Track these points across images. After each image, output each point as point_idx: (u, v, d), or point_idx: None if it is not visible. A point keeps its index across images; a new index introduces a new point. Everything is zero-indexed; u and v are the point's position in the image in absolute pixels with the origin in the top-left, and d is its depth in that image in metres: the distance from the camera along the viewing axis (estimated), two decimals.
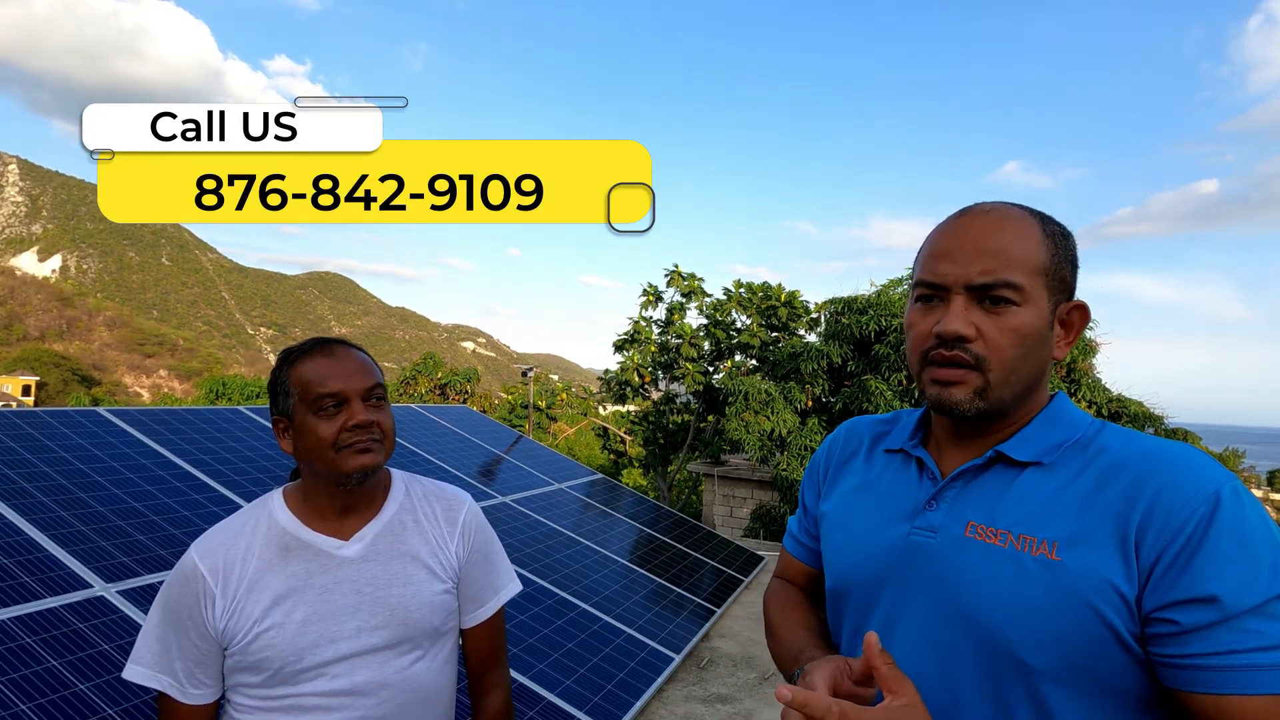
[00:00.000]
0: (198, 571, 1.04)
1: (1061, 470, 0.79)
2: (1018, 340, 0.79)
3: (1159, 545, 0.70)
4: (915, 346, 0.84)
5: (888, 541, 0.86)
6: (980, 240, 0.80)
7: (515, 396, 19.41)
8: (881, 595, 0.86)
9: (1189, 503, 0.70)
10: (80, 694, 2.16)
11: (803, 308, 13.17)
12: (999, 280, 0.78)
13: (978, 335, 0.79)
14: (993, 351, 0.79)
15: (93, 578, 2.68)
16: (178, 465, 3.79)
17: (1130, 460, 0.76)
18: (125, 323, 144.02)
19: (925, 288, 0.83)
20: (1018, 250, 0.79)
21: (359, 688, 1.05)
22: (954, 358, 0.80)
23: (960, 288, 0.80)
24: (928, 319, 0.82)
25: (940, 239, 0.83)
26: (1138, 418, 10.25)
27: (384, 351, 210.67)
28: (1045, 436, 0.82)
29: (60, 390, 53.92)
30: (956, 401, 0.80)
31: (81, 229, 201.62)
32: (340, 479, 1.06)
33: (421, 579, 1.12)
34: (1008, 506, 0.79)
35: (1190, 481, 0.71)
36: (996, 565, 0.76)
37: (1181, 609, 0.68)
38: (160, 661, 1.05)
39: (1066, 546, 0.73)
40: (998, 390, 0.80)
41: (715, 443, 12.85)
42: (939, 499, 0.84)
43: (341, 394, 1.05)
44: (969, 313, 0.79)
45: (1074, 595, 0.72)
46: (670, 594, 4.77)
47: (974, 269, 0.79)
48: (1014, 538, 0.76)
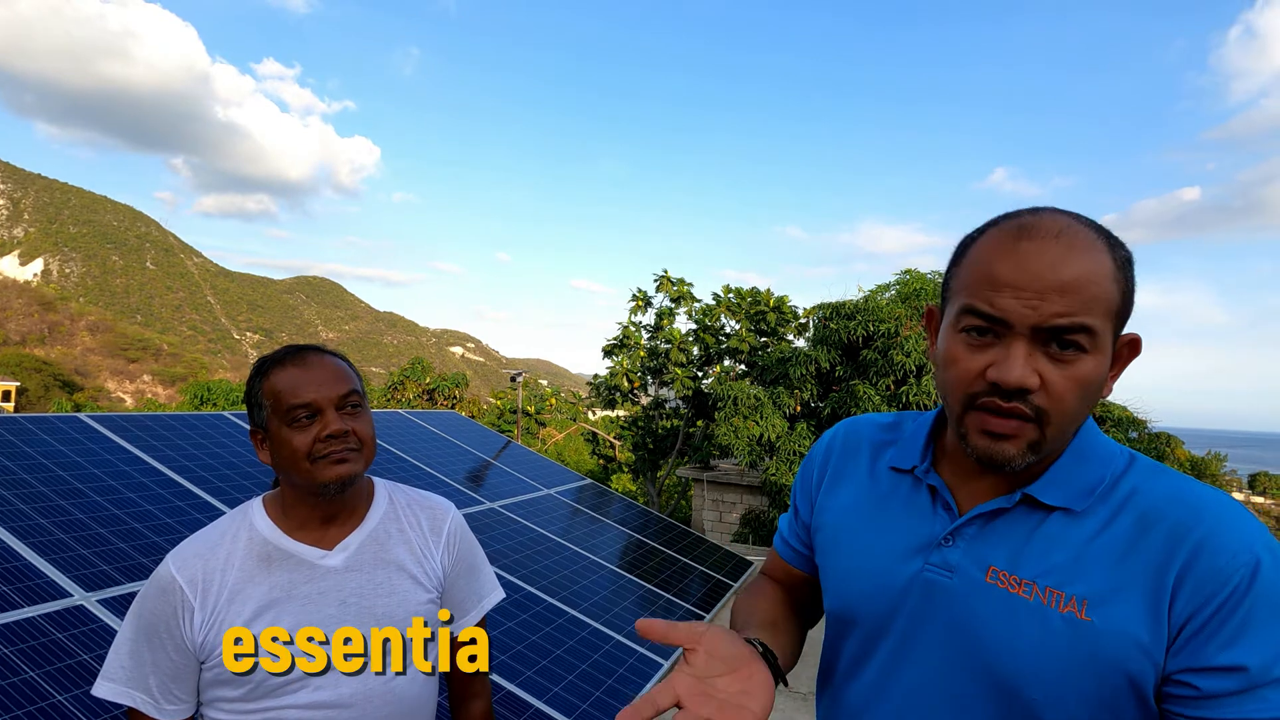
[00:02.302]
0: (175, 583, 1.01)
1: (1091, 518, 0.73)
2: (1083, 392, 0.70)
3: (1194, 604, 0.66)
4: (959, 385, 0.73)
5: (899, 575, 0.81)
6: (1052, 272, 0.68)
7: (504, 401, 19.34)
8: (889, 630, 0.81)
9: (1230, 564, 0.66)
10: (58, 705, 2.12)
11: (791, 313, 13.21)
12: (1074, 324, 0.68)
13: (1041, 386, 0.69)
14: (1055, 404, 0.70)
15: (72, 586, 2.64)
16: (161, 471, 3.74)
17: (1168, 510, 0.71)
18: (108, 327, 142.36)
19: (978, 318, 0.71)
20: (1093, 289, 0.68)
21: (342, 699, 1.03)
22: (1013, 409, 0.70)
23: (1026, 328, 0.69)
24: (978, 357, 0.72)
25: (1000, 262, 0.71)
26: (1122, 422, 10.36)
27: (372, 356, 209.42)
28: (1076, 476, 0.75)
29: (41, 396, 53.18)
30: (1009, 457, 0.71)
31: (64, 232, 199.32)
32: (318, 489, 1.04)
33: (406, 589, 1.10)
34: (1033, 554, 0.73)
35: (1233, 540, 0.67)
36: (1020, 618, 0.72)
37: (1207, 675, 0.66)
38: (133, 677, 1.02)
39: (1097, 605, 0.69)
40: (1052, 443, 0.72)
41: (704, 447, 12.85)
42: (957, 536, 0.78)
43: (314, 404, 1.03)
44: (1033, 358, 0.69)
45: (1103, 657, 0.68)
46: (659, 599, 4.76)
47: (1047, 310, 0.68)
48: (1040, 590, 0.71)
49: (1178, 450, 10.89)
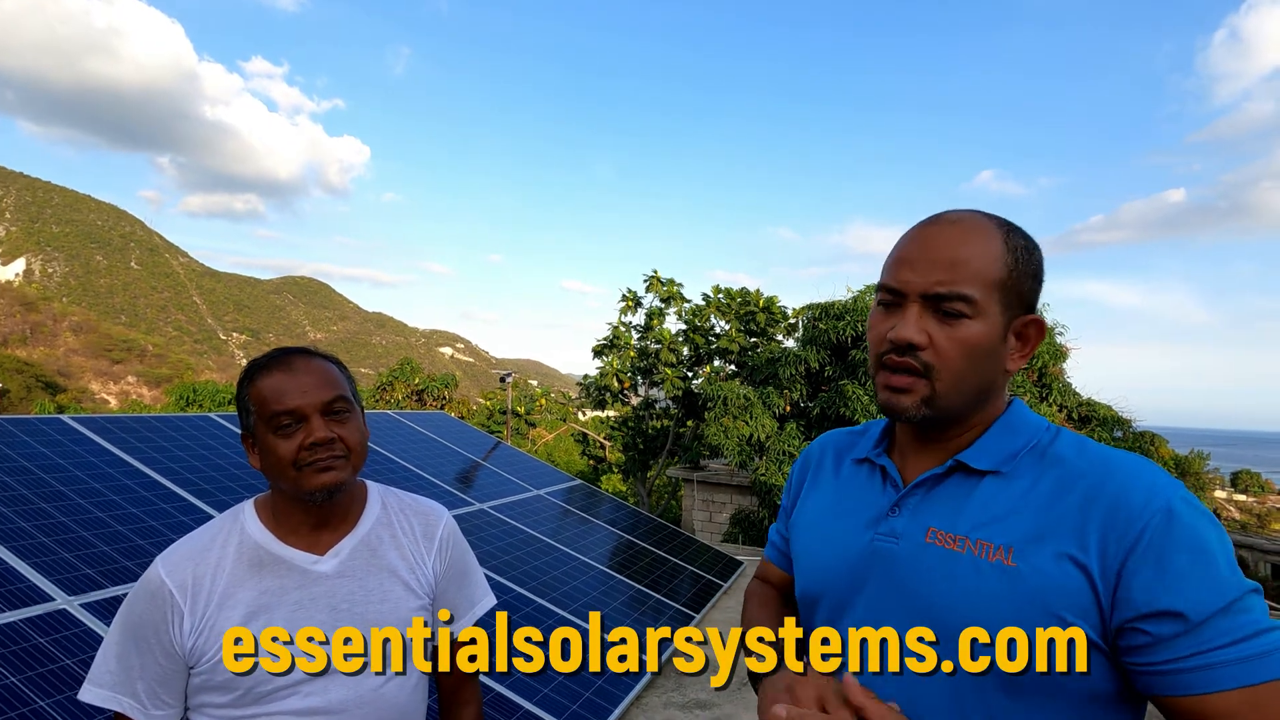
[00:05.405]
0: (164, 587, 1.00)
1: (1019, 479, 0.81)
2: (966, 351, 0.80)
3: (1120, 553, 0.72)
4: (873, 349, 0.87)
5: (853, 548, 0.88)
6: (941, 250, 0.81)
7: (494, 402, 19.27)
8: (849, 601, 0.87)
9: (1145, 510, 0.72)
10: (40, 711, 2.09)
11: (780, 313, 13.25)
12: (953, 292, 0.79)
13: (929, 343, 0.81)
14: (941, 360, 0.81)
15: (55, 590, 2.60)
16: (145, 474, 3.70)
17: (1086, 470, 0.78)
18: (92, 328, 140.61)
19: (886, 292, 0.85)
20: (976, 264, 0.80)
21: (332, 706, 1.02)
22: (904, 364, 0.82)
23: (916, 296, 0.81)
24: (885, 323, 0.85)
25: (906, 245, 0.85)
26: (1106, 421, 10.46)
27: (361, 357, 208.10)
28: (1003, 444, 0.84)
29: (23, 397, 52.42)
30: (904, 407, 0.83)
31: (47, 231, 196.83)
32: (304, 496, 1.03)
33: (398, 595, 1.09)
34: (967, 513, 0.81)
35: (1144, 490, 0.74)
36: (956, 571, 0.78)
37: (1152, 621, 0.70)
38: (121, 682, 1.01)
39: (1021, 552, 0.76)
40: (944, 399, 0.82)
41: (694, 448, 12.87)
42: (901, 506, 0.86)
43: (299, 410, 1.01)
44: (923, 321, 0.81)
45: (1032, 599, 0.74)
46: (649, 600, 4.76)
47: (931, 279, 0.80)
48: (971, 543, 0.79)
49: (1161, 449, 11.01)
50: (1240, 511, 24.36)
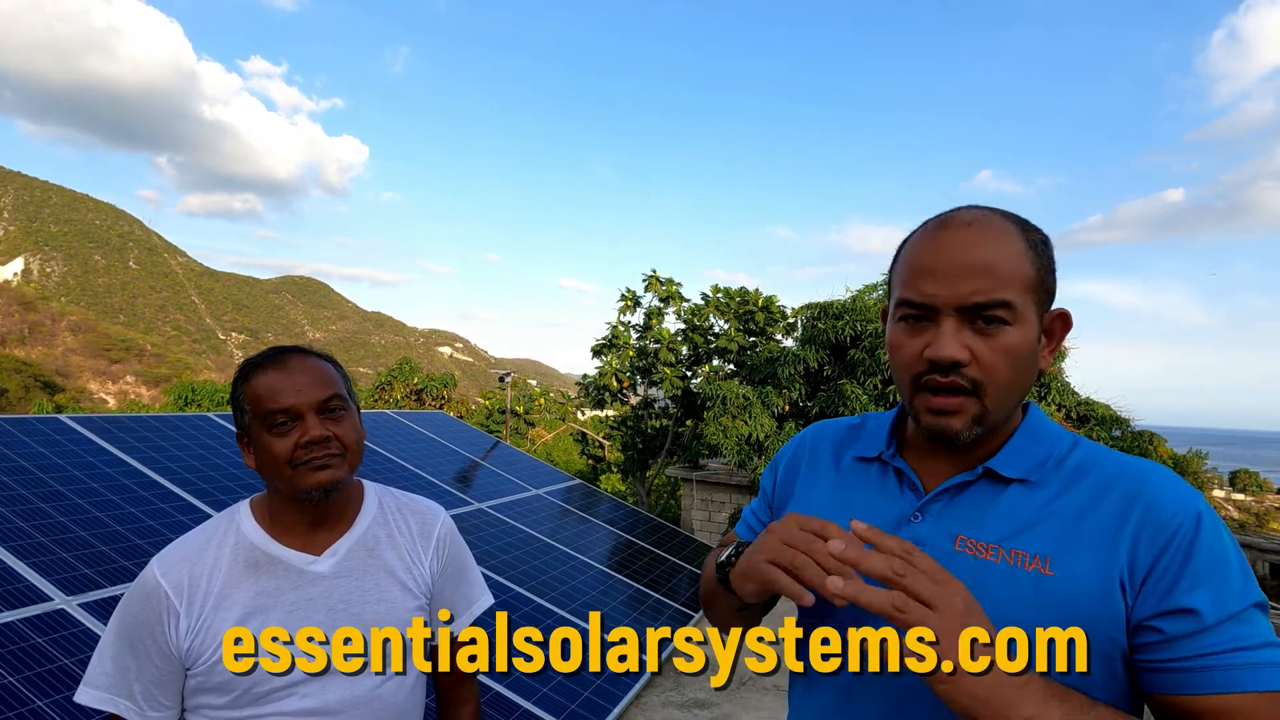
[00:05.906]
0: (160, 588, 0.99)
1: (1044, 488, 0.79)
2: (1012, 361, 0.77)
3: (1151, 556, 0.73)
4: (905, 369, 0.81)
5: None
6: (966, 256, 0.76)
7: (492, 402, 19.25)
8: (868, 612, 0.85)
9: (1175, 517, 0.73)
10: (38, 711, 2.09)
11: (779, 313, 13.25)
12: (992, 300, 0.75)
13: (972, 359, 0.76)
14: (988, 375, 0.77)
15: (53, 590, 2.60)
16: (143, 473, 3.69)
17: (1119, 478, 0.78)
18: (90, 327, 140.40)
19: (911, 308, 0.79)
20: (1006, 266, 0.76)
21: (329, 706, 1.02)
22: (950, 384, 0.77)
23: (950, 309, 0.76)
24: (915, 340, 0.79)
25: (922, 254, 0.80)
26: (1105, 420, 10.46)
27: (359, 356, 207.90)
28: (1029, 452, 0.82)
29: (21, 397, 52.30)
30: (955, 431, 0.78)
31: (45, 231, 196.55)
32: (300, 495, 1.03)
33: (396, 595, 1.09)
34: (996, 522, 0.79)
35: (1176, 499, 0.75)
36: (990, 580, 0.76)
37: (1167, 619, 0.71)
38: (117, 684, 1.00)
39: (1059, 561, 0.74)
40: (995, 414, 0.79)
41: (693, 447, 12.87)
42: (925, 512, 0.83)
43: (294, 409, 1.01)
44: (961, 334, 0.76)
45: (1066, 607, 0.73)
46: (648, 599, 4.76)
47: (964, 289, 0.76)
48: (1005, 552, 0.76)
49: (1160, 448, 11.01)
50: (1239, 511, 24.38)
